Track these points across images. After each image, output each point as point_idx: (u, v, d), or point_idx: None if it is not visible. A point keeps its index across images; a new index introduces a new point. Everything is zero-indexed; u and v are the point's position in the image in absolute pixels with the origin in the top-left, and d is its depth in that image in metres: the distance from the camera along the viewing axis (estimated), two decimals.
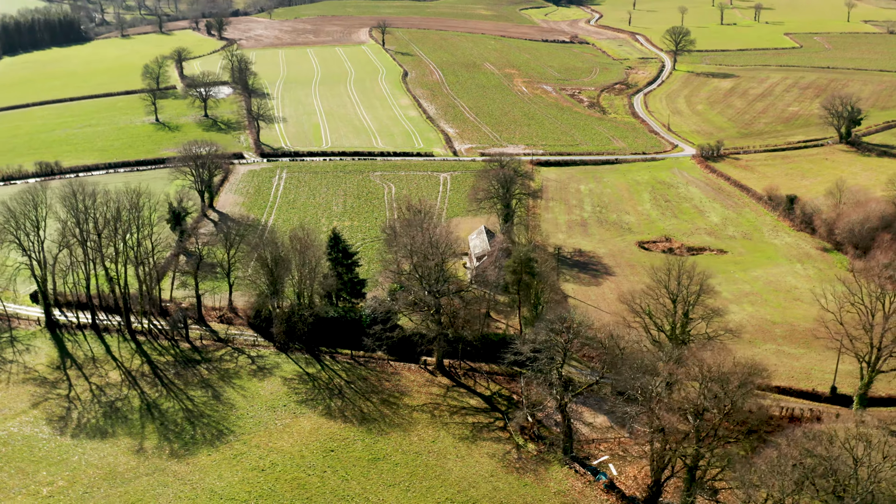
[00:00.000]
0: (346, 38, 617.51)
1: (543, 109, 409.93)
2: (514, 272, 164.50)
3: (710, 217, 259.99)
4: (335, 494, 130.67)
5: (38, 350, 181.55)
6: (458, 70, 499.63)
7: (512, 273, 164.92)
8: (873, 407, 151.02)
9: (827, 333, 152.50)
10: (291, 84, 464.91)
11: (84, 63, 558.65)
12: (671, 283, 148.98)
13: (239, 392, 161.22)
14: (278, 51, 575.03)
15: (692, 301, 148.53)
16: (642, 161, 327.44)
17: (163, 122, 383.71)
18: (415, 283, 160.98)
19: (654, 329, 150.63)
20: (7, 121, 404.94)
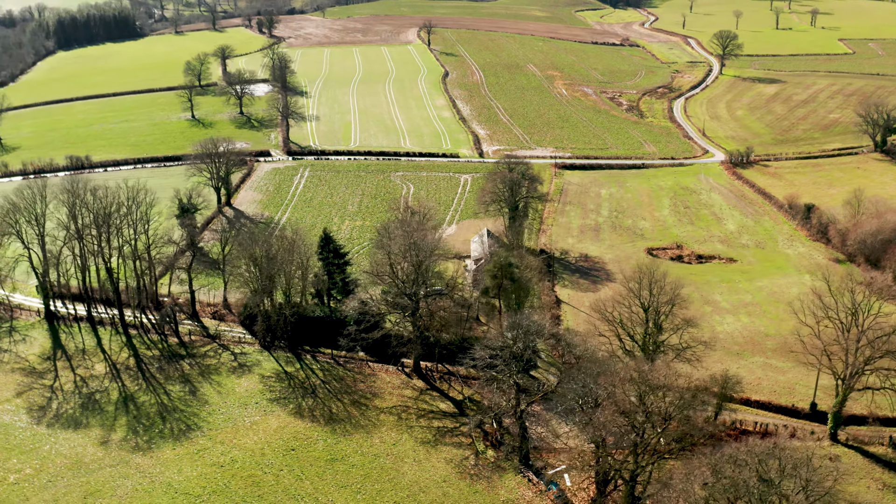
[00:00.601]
0: (393, 38, 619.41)
1: (579, 112, 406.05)
2: (493, 277, 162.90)
3: (726, 225, 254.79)
4: (287, 493, 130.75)
5: (34, 341, 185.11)
6: (499, 71, 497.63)
7: (492, 278, 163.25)
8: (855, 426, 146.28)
9: (803, 348, 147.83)
10: (331, 83, 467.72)
11: (133, 59, 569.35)
12: (642, 292, 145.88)
13: (215, 388, 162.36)
14: (324, 49, 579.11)
15: (666, 311, 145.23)
16: (670, 166, 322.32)
17: (198, 118, 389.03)
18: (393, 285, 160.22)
19: (628, 339, 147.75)
20: (49, 115, 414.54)
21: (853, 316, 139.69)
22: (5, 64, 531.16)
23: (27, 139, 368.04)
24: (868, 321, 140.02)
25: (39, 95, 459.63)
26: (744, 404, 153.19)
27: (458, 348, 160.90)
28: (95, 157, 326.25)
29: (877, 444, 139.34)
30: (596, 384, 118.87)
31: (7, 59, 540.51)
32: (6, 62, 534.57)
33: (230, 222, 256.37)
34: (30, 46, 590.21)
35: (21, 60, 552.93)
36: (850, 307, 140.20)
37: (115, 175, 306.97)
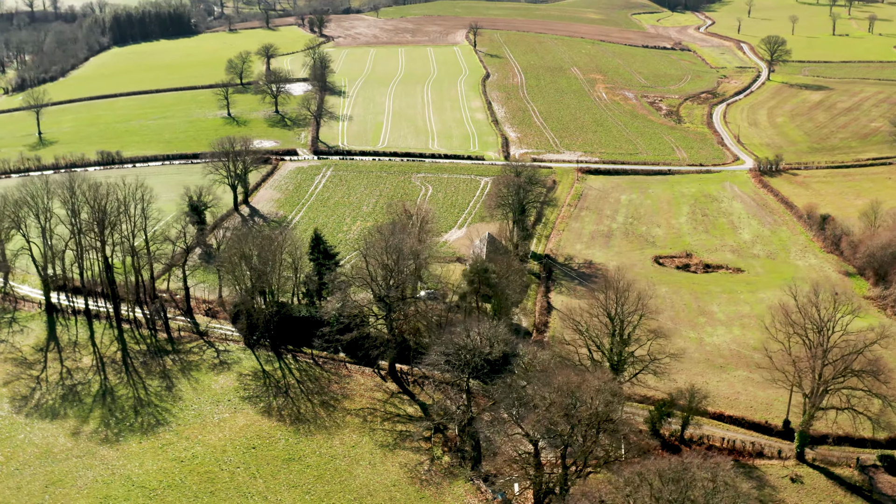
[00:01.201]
0: (441, 39, 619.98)
1: (616, 116, 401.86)
2: (470, 282, 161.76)
3: (741, 234, 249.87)
4: (238, 490, 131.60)
5: (31, 332, 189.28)
6: (541, 73, 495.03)
7: (468, 283, 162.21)
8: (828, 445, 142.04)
9: (770, 364, 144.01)
10: (371, 83, 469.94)
11: (182, 56, 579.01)
12: (608, 303, 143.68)
13: (192, 384, 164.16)
14: (370, 49, 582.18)
15: (633, 322, 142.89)
16: (696, 173, 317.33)
17: (233, 116, 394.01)
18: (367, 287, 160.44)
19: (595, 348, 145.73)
20: (92, 110, 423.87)
21: (819, 333, 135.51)
22: (57, 59, 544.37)
23: (66, 134, 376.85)
24: (834, 337, 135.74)
25: (85, 91, 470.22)
26: (717, 419, 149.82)
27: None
28: (126, 152, 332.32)
29: (844, 465, 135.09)
30: (532, 391, 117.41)
31: (60, 55, 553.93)
32: (58, 57, 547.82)
33: (244, 220, 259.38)
34: (84, 42, 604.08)
35: (73, 56, 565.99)
36: (817, 323, 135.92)
37: (142, 170, 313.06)
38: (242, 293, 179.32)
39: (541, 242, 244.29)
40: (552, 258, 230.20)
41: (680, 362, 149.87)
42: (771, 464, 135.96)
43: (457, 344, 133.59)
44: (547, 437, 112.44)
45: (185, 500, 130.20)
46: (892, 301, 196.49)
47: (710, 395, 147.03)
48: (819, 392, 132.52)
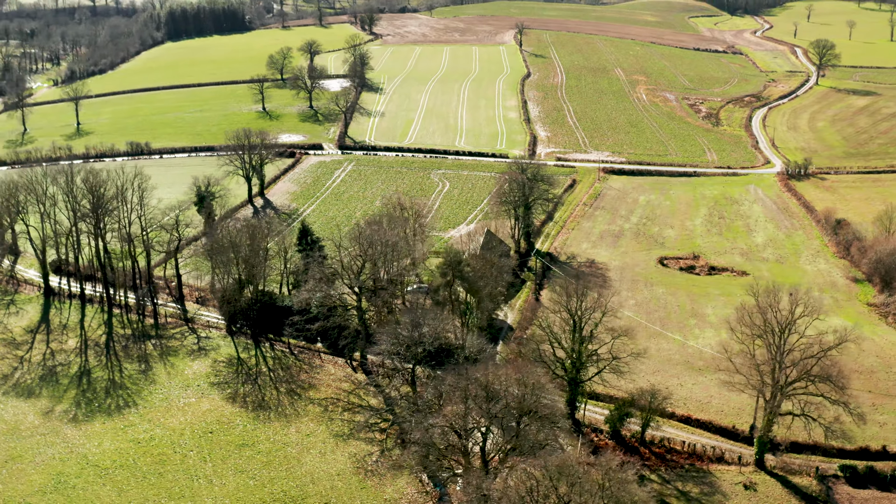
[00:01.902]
0: (489, 39, 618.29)
1: (652, 117, 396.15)
2: (443, 275, 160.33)
3: (755, 237, 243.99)
4: (186, 473, 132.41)
5: (26, 314, 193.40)
6: (583, 74, 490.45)
7: (441, 275, 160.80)
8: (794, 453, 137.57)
9: (731, 366, 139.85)
10: (410, 80, 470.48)
11: (230, 52, 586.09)
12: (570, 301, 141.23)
13: (167, 369, 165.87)
14: (415, 47, 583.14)
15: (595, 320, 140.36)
16: (722, 175, 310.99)
17: (268, 110, 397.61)
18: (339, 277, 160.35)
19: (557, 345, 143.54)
20: (133, 102, 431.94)
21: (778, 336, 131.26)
22: (108, 53, 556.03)
23: (103, 125, 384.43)
24: (791, 340, 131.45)
25: (130, 84, 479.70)
26: (684, 422, 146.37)
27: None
28: (156, 143, 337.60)
29: (804, 474, 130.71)
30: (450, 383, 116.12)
31: (112, 49, 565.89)
32: (110, 51, 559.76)
33: (255, 212, 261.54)
34: (137, 37, 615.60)
35: (124, 50, 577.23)
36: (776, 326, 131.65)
37: (167, 161, 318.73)
38: (227, 281, 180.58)
39: (548, 240, 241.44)
40: (554, 256, 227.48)
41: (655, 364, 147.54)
42: (728, 469, 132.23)
43: (401, 334, 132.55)
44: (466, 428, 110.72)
45: (134, 479, 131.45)
46: (894, 309, 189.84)
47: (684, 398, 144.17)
48: (777, 397, 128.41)
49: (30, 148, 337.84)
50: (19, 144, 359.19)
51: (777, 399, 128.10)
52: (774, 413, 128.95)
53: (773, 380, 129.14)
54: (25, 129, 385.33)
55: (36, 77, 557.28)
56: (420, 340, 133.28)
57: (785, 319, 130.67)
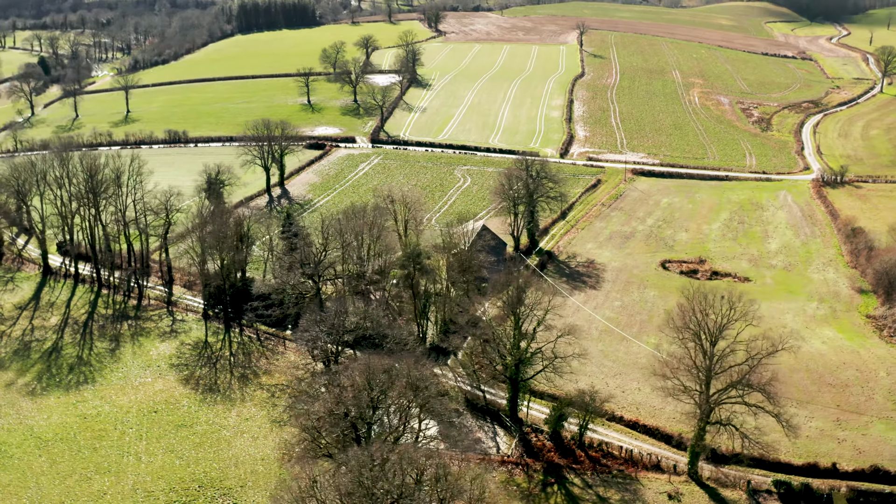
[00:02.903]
0: (553, 38, 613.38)
1: (699, 120, 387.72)
2: (401, 266, 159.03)
3: (769, 243, 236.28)
4: (119, 449, 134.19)
5: (20, 291, 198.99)
6: (638, 75, 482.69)
7: (400, 267, 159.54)
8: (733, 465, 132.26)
9: (666, 372, 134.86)
10: (461, 77, 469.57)
11: (293, 45, 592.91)
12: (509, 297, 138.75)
13: (135, 349, 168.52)
14: (475, 45, 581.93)
15: (535, 318, 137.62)
16: (755, 180, 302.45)
17: (312, 103, 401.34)
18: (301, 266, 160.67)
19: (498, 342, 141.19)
20: (186, 92, 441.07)
21: (709, 341, 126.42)
22: (174, 44, 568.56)
23: (152, 113, 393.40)
24: (723, 344, 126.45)
25: (189, 74, 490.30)
26: (632, 427, 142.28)
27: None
28: (194, 132, 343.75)
29: (737, 487, 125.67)
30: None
31: (178, 40, 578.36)
32: (176, 42, 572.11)
33: (270, 202, 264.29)
34: (206, 29, 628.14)
35: (190, 41, 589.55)
36: (704, 330, 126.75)
37: (201, 150, 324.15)
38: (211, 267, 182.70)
39: (554, 239, 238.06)
40: (554, 255, 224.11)
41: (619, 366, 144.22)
42: (658, 478, 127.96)
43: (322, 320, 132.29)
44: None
45: (69, 452, 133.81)
46: (891, 321, 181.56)
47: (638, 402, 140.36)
48: (708, 405, 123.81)
49: (73, 133, 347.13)
50: (67, 130, 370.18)
51: (708, 407, 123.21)
52: (705, 421, 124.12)
53: (704, 387, 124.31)
54: (77, 116, 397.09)
55: (103, 66, 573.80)
56: (343, 327, 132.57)
57: (715, 324, 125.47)
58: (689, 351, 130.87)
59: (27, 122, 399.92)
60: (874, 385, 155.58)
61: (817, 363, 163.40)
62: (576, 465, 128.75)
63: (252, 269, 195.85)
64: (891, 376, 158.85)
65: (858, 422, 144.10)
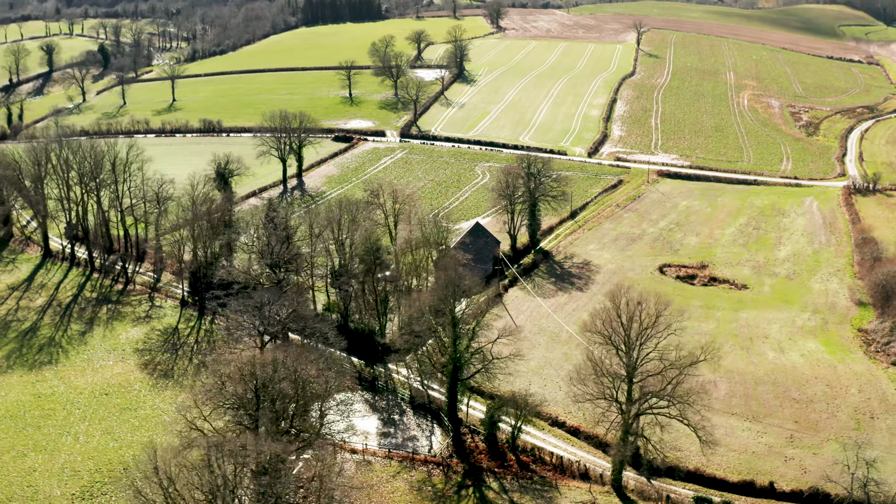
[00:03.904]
0: (612, 37, 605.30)
1: (743, 123, 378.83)
2: (361, 261, 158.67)
3: (779, 251, 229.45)
4: (61, 429, 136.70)
5: (18, 272, 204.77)
6: (690, 76, 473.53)
7: (360, 261, 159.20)
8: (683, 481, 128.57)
9: (590, 380, 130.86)
10: (508, 74, 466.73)
11: (353, 38, 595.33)
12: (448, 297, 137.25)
13: (106, 332, 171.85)
14: (530, 42, 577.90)
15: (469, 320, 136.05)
16: (784, 185, 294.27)
17: (353, 97, 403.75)
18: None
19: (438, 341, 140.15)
20: (234, 82, 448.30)
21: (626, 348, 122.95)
22: (233, 35, 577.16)
23: (196, 102, 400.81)
24: (643, 352, 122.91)
25: (242, 65, 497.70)
26: (572, 433, 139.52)
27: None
28: (228, 123, 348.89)
29: (660, 501, 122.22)
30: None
31: (239, 31, 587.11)
32: (236, 33, 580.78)
33: (283, 192, 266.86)
34: (269, 20, 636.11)
35: (251, 33, 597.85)
36: (622, 337, 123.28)
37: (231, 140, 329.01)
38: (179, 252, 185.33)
39: (557, 239, 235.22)
40: (551, 255, 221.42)
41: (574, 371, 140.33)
42: (580, 486, 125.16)
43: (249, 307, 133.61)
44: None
45: (15, 429, 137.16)
46: (880, 336, 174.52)
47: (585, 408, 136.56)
48: (631, 414, 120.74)
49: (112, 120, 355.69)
50: (112, 116, 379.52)
51: (630, 416, 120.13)
52: (626, 432, 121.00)
53: (625, 396, 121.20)
54: (125, 103, 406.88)
55: (165, 55, 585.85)
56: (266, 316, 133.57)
57: (637, 332, 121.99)
58: (608, 357, 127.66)
59: (77, 108, 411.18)
60: (841, 402, 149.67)
61: (787, 376, 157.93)
62: (499, 469, 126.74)
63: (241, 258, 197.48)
64: (862, 393, 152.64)
65: (813, 440, 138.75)
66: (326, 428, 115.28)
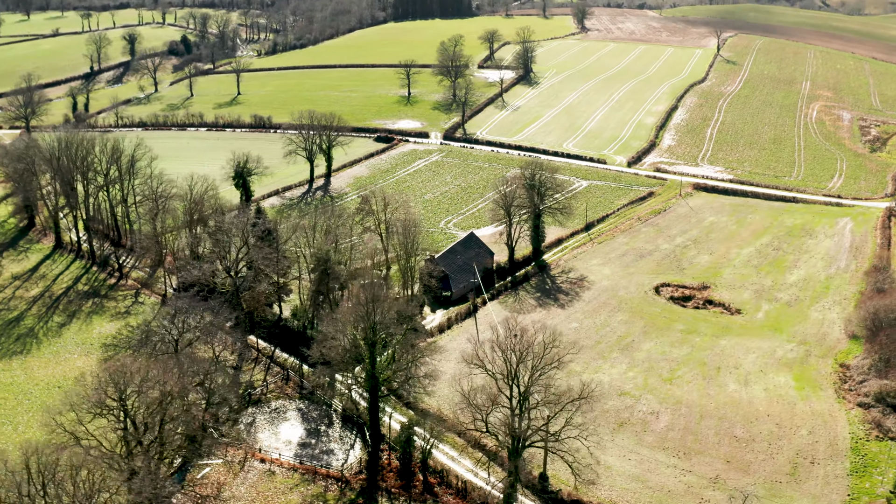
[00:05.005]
0: (695, 41, 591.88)
1: (804, 135, 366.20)
2: (312, 270, 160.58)
3: (791, 274, 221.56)
4: (5, 417, 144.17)
5: (26, 262, 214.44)
6: (762, 84, 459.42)
7: (311, 271, 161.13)
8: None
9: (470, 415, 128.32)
10: (575, 76, 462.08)
11: (436, 35, 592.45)
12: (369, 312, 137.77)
13: (82, 325, 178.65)
14: (609, 44, 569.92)
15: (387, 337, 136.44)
16: (824, 204, 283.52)
17: (411, 96, 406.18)
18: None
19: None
20: (301, 78, 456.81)
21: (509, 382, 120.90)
22: (316, 28, 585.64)
23: (258, 97, 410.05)
24: (532, 386, 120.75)
25: (319, 59, 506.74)
26: (492, 457, 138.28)
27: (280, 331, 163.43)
28: (277, 119, 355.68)
29: None
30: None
31: (324, 24, 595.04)
32: (319, 27, 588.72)
33: (306, 192, 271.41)
34: (355, 15, 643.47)
35: (334, 27, 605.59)
36: (511, 371, 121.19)
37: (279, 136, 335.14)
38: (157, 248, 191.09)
39: (564, 251, 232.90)
40: (548, 268, 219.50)
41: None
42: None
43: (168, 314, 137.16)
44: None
45: None
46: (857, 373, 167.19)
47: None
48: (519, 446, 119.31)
49: (170, 112, 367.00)
50: (176, 108, 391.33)
51: (518, 448, 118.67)
52: (514, 464, 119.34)
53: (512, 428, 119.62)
54: (191, 95, 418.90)
55: (251, 47, 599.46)
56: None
57: (513, 361, 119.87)
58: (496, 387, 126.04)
59: (146, 98, 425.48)
60: (785, 443, 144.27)
61: (738, 412, 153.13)
62: (397, 490, 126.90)
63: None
64: (812, 435, 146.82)
65: (739, 482, 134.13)
66: (248, 435, 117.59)
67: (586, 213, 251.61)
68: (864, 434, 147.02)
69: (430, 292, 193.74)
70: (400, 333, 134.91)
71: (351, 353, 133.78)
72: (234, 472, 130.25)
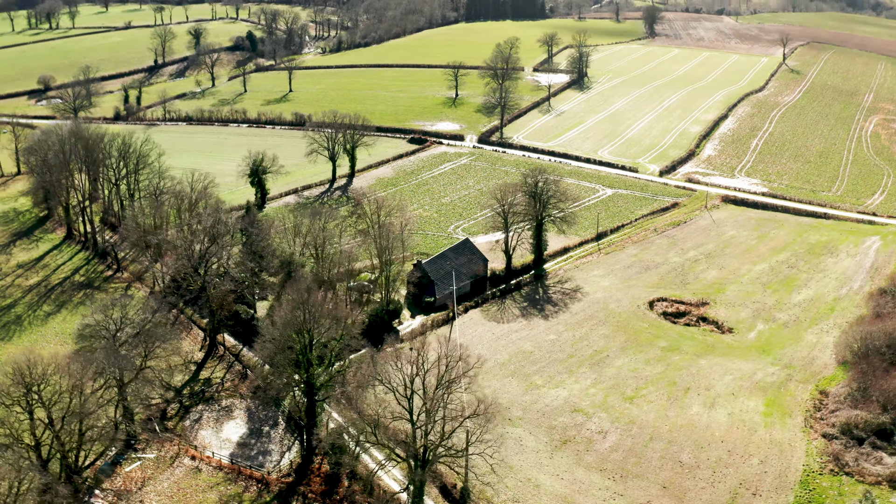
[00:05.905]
0: (763, 49, 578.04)
1: (856, 150, 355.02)
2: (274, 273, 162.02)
3: (799, 294, 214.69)
4: None
5: (35, 251, 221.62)
6: (823, 95, 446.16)
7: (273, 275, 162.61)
8: None
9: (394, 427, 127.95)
10: (628, 82, 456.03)
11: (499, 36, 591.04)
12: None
13: (68, 316, 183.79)
14: (672, 50, 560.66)
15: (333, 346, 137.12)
16: (855, 221, 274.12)
17: (458, 97, 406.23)
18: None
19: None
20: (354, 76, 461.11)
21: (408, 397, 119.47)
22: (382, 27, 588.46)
23: (308, 94, 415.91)
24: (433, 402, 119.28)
25: (380, 58, 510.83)
26: None
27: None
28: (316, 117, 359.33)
29: None
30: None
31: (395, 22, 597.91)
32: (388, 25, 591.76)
33: (325, 192, 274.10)
34: (426, 15, 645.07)
35: (400, 26, 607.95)
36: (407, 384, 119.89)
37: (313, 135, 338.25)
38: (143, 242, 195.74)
39: (568, 261, 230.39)
40: (543, 278, 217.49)
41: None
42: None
43: None
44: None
45: None
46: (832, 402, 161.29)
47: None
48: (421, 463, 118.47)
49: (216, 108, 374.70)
50: (227, 103, 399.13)
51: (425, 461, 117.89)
52: (421, 480, 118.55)
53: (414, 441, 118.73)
54: (245, 91, 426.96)
55: (317, 44, 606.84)
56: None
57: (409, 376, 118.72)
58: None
59: (201, 93, 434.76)
60: (731, 472, 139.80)
61: (689, 436, 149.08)
62: (313, 495, 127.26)
63: None
64: (762, 465, 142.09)
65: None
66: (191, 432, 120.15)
67: (598, 223, 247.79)
68: (819, 467, 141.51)
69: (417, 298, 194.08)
70: (335, 339, 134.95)
71: (286, 355, 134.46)
72: (163, 467, 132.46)
